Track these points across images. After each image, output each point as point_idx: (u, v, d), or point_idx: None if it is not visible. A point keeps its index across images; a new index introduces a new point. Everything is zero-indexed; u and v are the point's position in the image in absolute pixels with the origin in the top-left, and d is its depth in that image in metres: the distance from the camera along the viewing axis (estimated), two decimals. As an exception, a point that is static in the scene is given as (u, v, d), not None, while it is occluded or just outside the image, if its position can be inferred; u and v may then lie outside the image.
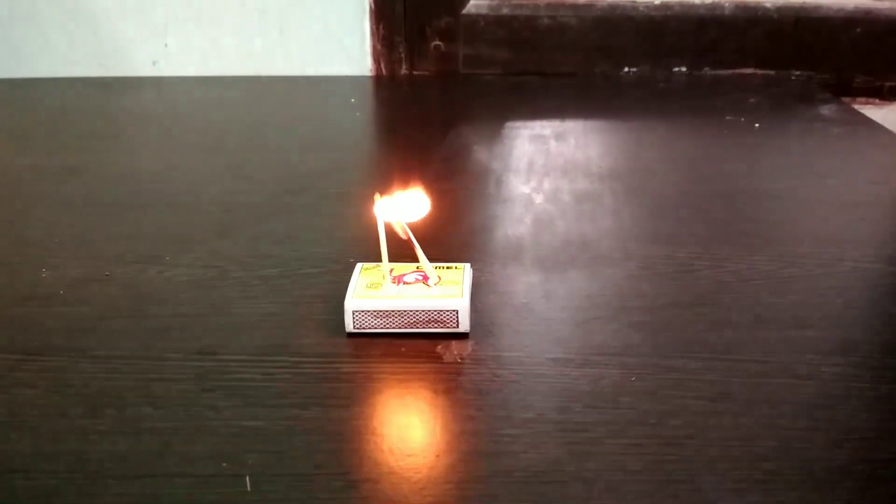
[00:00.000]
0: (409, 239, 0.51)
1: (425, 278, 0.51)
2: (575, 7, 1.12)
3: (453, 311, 0.49)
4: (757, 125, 0.91)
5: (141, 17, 1.12)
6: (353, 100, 1.07)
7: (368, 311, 0.49)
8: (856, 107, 1.07)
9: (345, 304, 0.49)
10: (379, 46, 1.12)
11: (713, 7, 1.11)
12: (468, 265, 0.53)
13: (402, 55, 1.13)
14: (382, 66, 1.13)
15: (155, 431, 0.42)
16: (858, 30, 1.10)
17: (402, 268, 0.52)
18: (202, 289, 0.56)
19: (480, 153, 0.83)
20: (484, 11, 1.12)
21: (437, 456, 0.40)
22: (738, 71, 1.12)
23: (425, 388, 0.45)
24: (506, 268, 0.58)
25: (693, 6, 1.12)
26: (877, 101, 1.12)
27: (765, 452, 0.40)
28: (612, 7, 1.12)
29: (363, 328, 0.49)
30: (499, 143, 0.86)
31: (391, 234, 0.51)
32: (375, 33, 1.12)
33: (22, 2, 1.11)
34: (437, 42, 1.12)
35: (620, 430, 0.41)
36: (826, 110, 0.99)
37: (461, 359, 0.47)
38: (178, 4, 1.11)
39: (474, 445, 0.41)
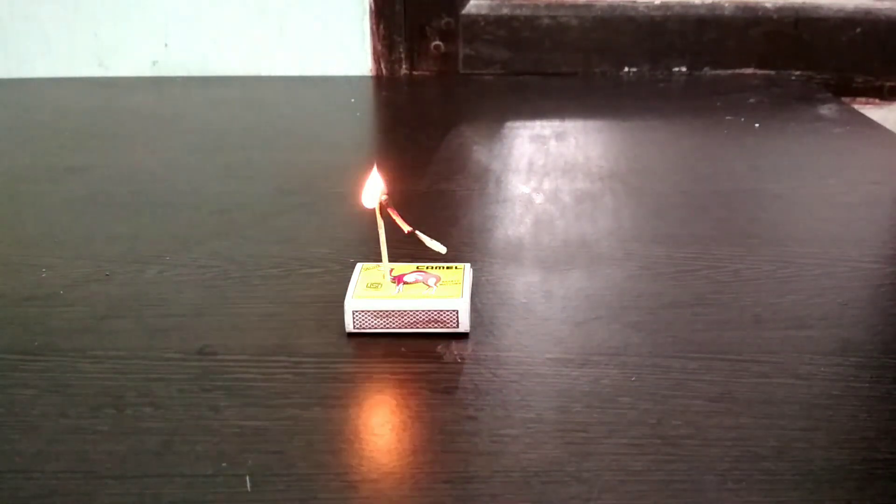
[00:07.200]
0: (412, 231, 0.51)
1: (426, 278, 0.51)
2: (575, 7, 1.12)
3: (453, 311, 0.49)
4: (757, 125, 0.91)
5: (141, 17, 1.12)
6: (353, 100, 1.07)
7: (368, 311, 0.49)
8: (856, 107, 1.07)
9: (345, 304, 0.49)
10: (379, 46, 1.12)
11: (713, 7, 1.11)
12: (468, 265, 0.53)
13: (402, 55, 1.13)
14: (382, 66, 1.13)
15: (155, 431, 0.42)
16: (858, 30, 1.10)
17: (402, 268, 0.52)
18: (202, 289, 0.56)
19: (480, 153, 0.83)
20: (484, 11, 1.12)
21: (437, 455, 0.40)
22: (738, 71, 1.12)
23: (425, 388, 0.45)
24: (506, 268, 0.58)
25: (693, 6, 1.12)
26: (877, 101, 1.12)
27: (765, 452, 0.40)
28: (612, 7, 1.12)
29: (363, 328, 0.49)
30: (499, 143, 0.86)
31: (391, 234, 0.51)
32: (375, 33, 1.12)
33: (22, 2, 1.11)
34: (437, 42, 1.12)
35: (620, 430, 0.41)
36: (826, 110, 0.99)
37: (461, 359, 0.47)
38: (178, 4, 1.11)
39: (474, 445, 0.41)
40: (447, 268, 0.52)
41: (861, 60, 1.11)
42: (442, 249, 0.51)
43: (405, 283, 0.51)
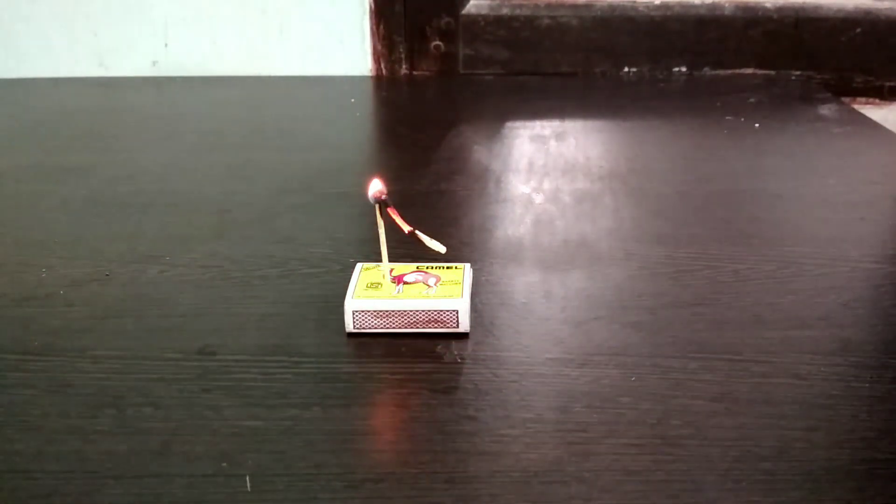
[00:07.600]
0: (412, 231, 0.50)
1: (426, 278, 0.51)
2: (575, 7, 1.12)
3: (453, 311, 0.49)
4: (757, 125, 0.91)
5: (141, 17, 1.12)
6: (353, 100, 1.07)
7: (368, 311, 0.49)
8: (856, 107, 1.07)
9: (345, 304, 0.49)
10: (379, 46, 1.12)
11: (713, 7, 1.11)
12: (468, 265, 0.53)
13: (402, 55, 1.13)
14: (382, 66, 1.13)
15: (155, 431, 0.42)
16: (858, 30, 1.10)
17: (402, 268, 0.52)
18: (202, 289, 0.56)
19: (480, 153, 0.83)
20: (484, 11, 1.12)
21: (437, 455, 0.40)
22: (738, 71, 1.12)
23: (425, 388, 0.45)
24: (506, 268, 0.58)
25: (693, 6, 1.12)
26: (877, 101, 1.12)
27: (765, 452, 0.40)
28: (612, 7, 1.12)
29: (363, 328, 0.49)
30: (499, 143, 0.86)
31: (391, 234, 0.51)
32: (375, 33, 1.12)
33: (22, 2, 1.11)
34: (437, 42, 1.12)
35: (620, 430, 0.41)
36: (826, 110, 0.99)
37: (461, 359, 0.47)
38: (178, 4, 1.11)
39: (474, 445, 0.41)
40: (447, 268, 0.52)
41: (861, 60, 1.11)
42: (442, 249, 0.51)
43: (405, 283, 0.51)
